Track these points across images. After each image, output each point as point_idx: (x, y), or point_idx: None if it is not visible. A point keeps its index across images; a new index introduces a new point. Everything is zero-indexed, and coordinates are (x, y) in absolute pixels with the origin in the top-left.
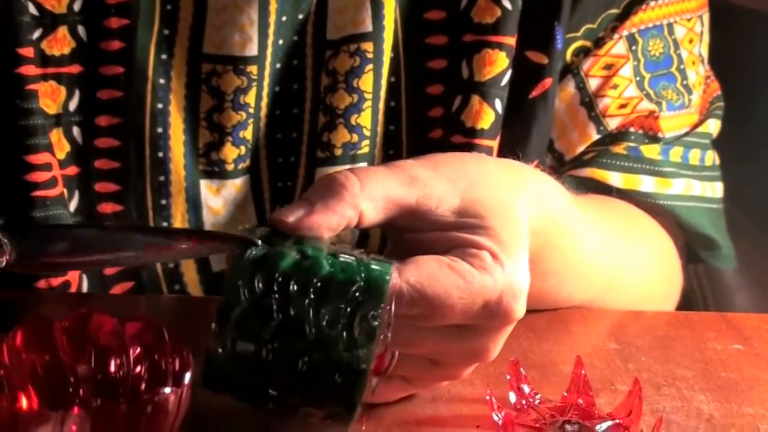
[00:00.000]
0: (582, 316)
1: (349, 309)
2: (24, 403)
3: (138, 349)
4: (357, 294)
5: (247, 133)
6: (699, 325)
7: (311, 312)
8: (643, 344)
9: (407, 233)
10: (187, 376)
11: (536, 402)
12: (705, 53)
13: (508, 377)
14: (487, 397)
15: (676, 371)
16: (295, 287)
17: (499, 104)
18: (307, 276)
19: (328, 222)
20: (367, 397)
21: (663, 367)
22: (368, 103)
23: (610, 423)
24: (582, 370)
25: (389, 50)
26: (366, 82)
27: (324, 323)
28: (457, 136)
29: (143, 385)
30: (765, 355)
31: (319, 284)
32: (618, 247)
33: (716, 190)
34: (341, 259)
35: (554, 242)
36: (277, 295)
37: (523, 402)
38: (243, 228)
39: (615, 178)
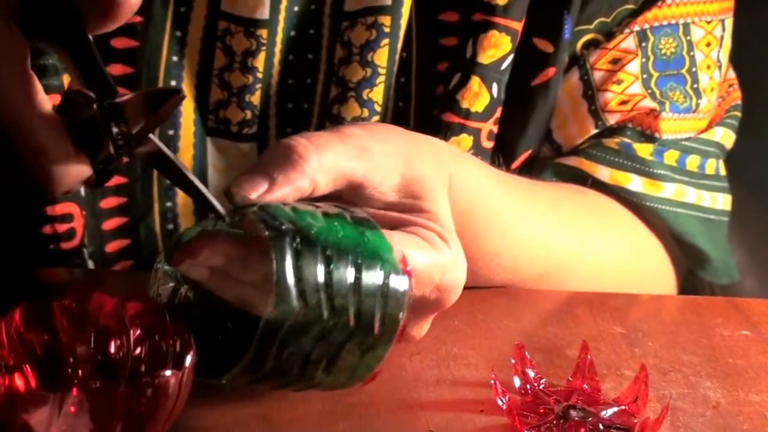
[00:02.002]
0: (588, 299)
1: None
2: (22, 383)
3: (138, 331)
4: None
5: (254, 98)
6: (706, 311)
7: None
8: (649, 329)
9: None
10: (188, 359)
11: (541, 386)
12: (724, 59)
13: (513, 361)
14: (492, 381)
15: (683, 357)
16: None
17: (495, 88)
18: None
19: (287, 196)
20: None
21: (669, 352)
22: (381, 78)
23: (615, 409)
24: (588, 354)
25: (405, 25)
26: (381, 57)
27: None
28: (449, 114)
29: (143, 367)
30: None
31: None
32: (565, 235)
33: (716, 200)
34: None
35: (475, 226)
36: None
37: (528, 386)
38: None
39: (603, 172)
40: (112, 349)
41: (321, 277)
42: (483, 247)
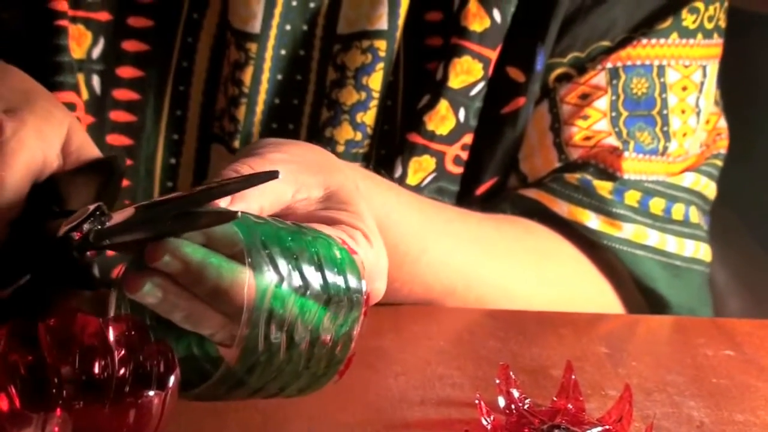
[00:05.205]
0: (572, 320)
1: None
2: (5, 403)
3: (122, 351)
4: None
5: (239, 113)
6: (690, 331)
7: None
8: (633, 349)
9: None
10: (172, 379)
11: (525, 406)
12: (706, 105)
13: (498, 381)
14: (477, 401)
15: (667, 377)
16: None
17: (462, 113)
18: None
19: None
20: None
21: (653, 372)
22: (375, 102)
23: (599, 429)
24: (572, 374)
25: (397, 49)
26: (375, 81)
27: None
28: (414, 135)
29: (127, 388)
30: (756, 362)
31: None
32: (491, 270)
33: (684, 246)
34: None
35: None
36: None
37: (513, 406)
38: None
39: (561, 207)
40: (97, 369)
41: (288, 259)
42: (393, 271)
